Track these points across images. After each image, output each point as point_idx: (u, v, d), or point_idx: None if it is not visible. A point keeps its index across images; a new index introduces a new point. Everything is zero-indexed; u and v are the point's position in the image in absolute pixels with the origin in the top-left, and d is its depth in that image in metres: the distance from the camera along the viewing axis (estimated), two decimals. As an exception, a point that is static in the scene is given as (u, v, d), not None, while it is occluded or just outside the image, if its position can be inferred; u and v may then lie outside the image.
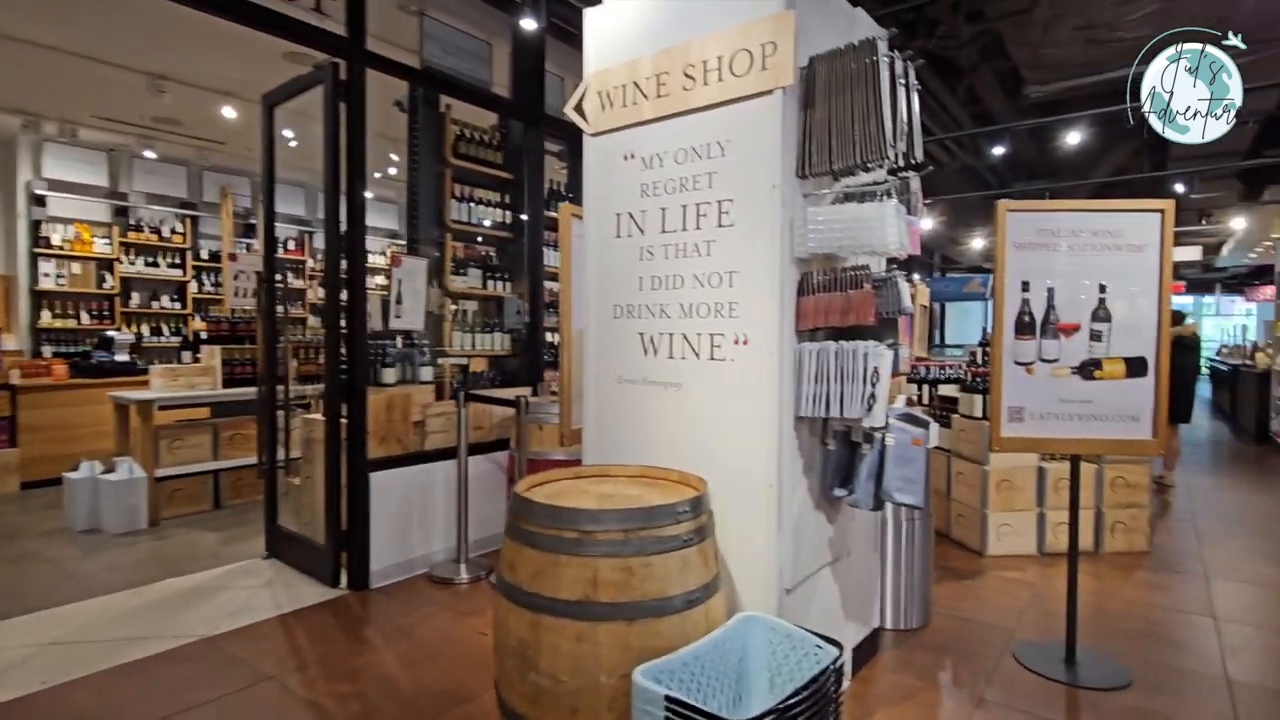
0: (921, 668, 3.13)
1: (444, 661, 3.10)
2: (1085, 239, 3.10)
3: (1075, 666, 3.09)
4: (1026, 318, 3.12)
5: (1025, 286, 3.11)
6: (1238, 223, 11.08)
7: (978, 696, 2.88)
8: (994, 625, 3.57)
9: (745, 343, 2.36)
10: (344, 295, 3.72)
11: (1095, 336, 3.11)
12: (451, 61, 4.47)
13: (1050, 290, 3.11)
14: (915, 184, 2.55)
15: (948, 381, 5.56)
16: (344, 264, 3.71)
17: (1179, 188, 8.67)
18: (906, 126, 2.27)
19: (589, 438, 2.79)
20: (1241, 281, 19.39)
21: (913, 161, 2.39)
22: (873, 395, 2.22)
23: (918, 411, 2.63)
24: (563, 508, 1.96)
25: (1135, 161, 9.45)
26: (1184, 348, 6.62)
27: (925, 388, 5.65)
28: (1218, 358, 14.94)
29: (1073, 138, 6.77)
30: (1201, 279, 19.83)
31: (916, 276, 9.51)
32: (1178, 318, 6.75)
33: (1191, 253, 12.90)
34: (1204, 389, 18.09)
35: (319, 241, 9.96)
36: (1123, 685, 2.96)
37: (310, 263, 10.00)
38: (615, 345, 2.70)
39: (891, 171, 2.54)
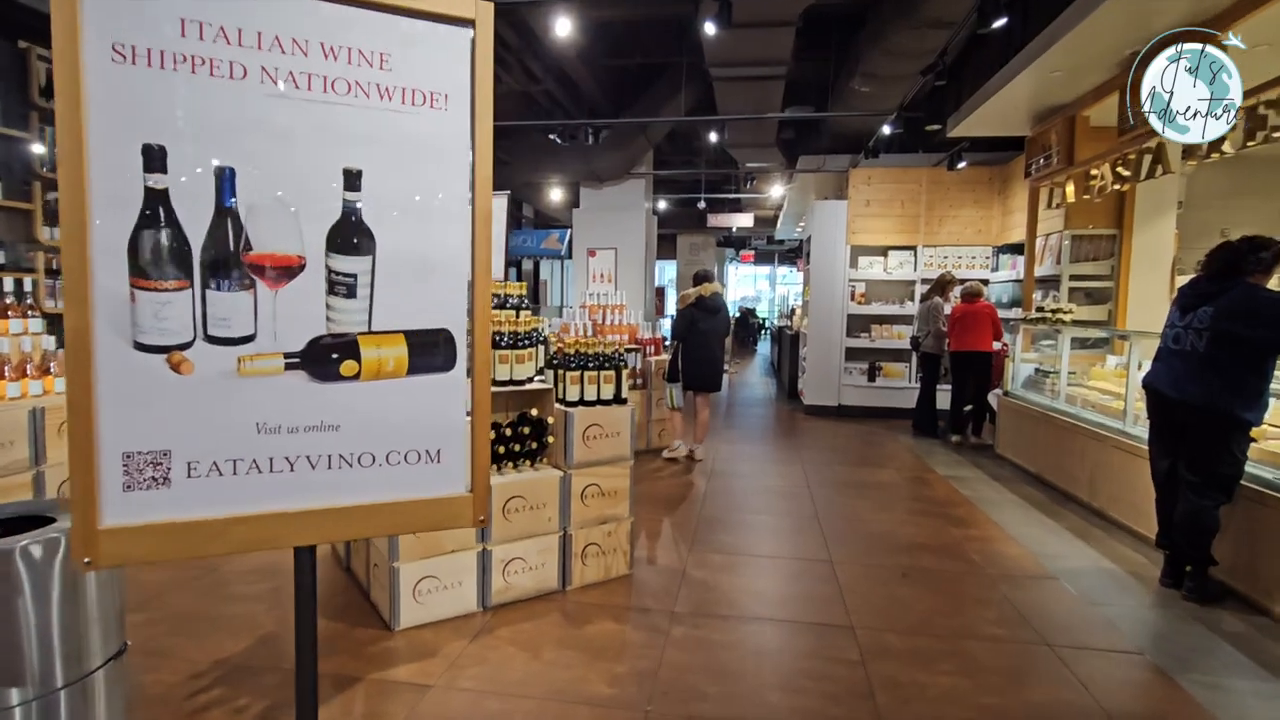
0: None
1: None
2: (312, 63, 1.38)
3: None
4: (162, 237, 1.30)
5: (154, 159, 1.29)
6: (776, 190, 11.84)
7: None
8: None
9: None
10: None
11: (341, 287, 1.42)
12: None
13: (226, 174, 1.32)
14: None
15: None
16: None
17: (712, 136, 8.41)
18: None
19: None
20: (795, 254, 22.38)
21: None
22: None
23: None
24: None
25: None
26: (706, 310, 5.97)
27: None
28: (780, 320, 16.69)
29: (562, 28, 5.54)
30: (767, 250, 22.51)
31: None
32: (701, 277, 6.10)
33: (745, 219, 13.81)
34: (765, 348, 20.53)
35: None
36: None
37: None
38: None
39: None
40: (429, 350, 1.47)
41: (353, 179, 1.38)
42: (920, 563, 3.98)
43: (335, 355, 1.39)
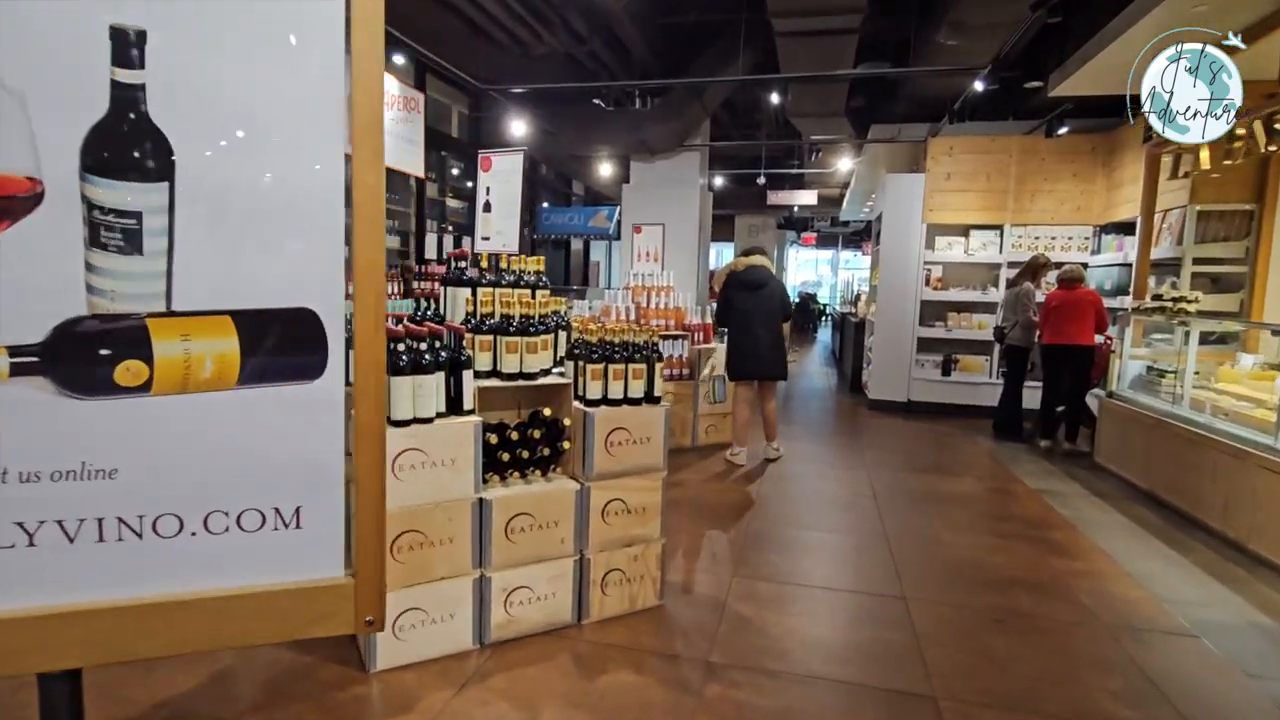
0: None
1: None
2: None
3: None
4: None
5: None
6: (844, 164, 10.93)
7: None
8: None
9: None
10: None
11: (114, 234, 0.85)
12: None
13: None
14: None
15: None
16: None
17: (774, 98, 7.64)
18: None
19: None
20: (861, 236, 21.24)
21: None
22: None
23: None
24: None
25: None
26: (744, 286, 5.24)
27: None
28: (843, 307, 15.77)
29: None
30: (830, 232, 21.40)
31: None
32: (746, 252, 5.42)
33: (808, 197, 12.88)
34: (825, 336, 19.53)
35: None
36: None
37: None
38: None
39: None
40: (278, 344, 0.88)
41: (128, 46, 0.79)
42: (1017, 604, 3.26)
43: (106, 351, 0.82)
